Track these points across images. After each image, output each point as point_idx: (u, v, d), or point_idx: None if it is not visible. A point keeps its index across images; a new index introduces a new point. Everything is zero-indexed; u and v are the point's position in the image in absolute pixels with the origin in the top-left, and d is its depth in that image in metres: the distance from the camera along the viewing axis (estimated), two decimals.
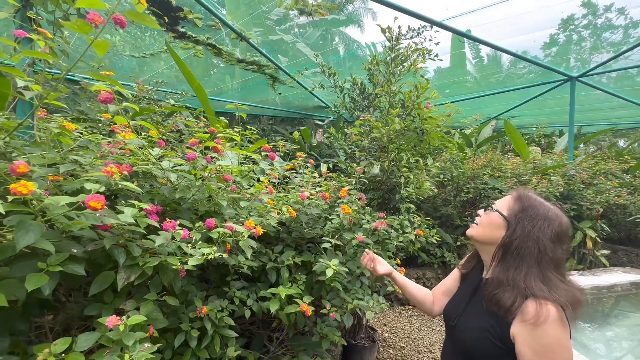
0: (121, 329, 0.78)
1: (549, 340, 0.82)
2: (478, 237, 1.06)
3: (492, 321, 0.93)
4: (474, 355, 0.97)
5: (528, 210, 0.99)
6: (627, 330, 2.70)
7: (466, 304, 1.09)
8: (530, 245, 0.94)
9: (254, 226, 1.10)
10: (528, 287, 0.87)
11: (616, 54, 4.68)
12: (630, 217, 5.49)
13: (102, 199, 0.69)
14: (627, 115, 8.55)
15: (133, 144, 1.02)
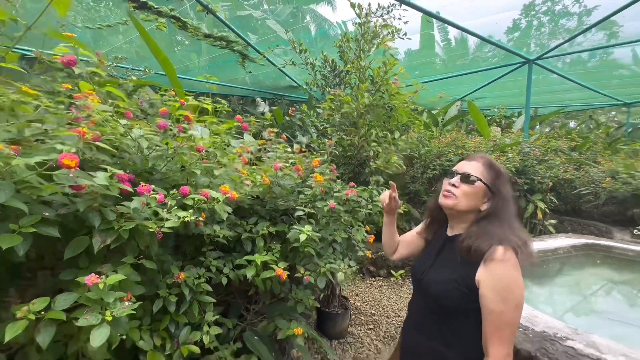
0: (100, 287, 0.81)
1: (510, 280, 0.96)
2: (462, 208, 1.11)
3: (460, 271, 1.06)
4: (441, 303, 1.09)
5: (501, 177, 1.13)
6: (567, 286, 3.08)
7: (433, 261, 1.21)
8: (505, 205, 1.09)
9: (229, 190, 1.13)
10: (500, 235, 1.02)
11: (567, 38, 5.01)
12: (575, 190, 6.08)
13: (75, 157, 0.69)
14: (578, 97, 9.26)
15: (101, 109, 1.00)
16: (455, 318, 1.09)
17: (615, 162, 5.94)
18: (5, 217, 0.76)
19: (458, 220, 1.18)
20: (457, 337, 1.09)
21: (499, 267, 0.97)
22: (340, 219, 1.78)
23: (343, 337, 3.06)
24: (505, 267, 0.97)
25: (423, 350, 1.16)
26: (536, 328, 1.73)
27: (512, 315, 0.96)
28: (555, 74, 6.45)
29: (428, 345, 1.14)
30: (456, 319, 1.08)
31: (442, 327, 1.11)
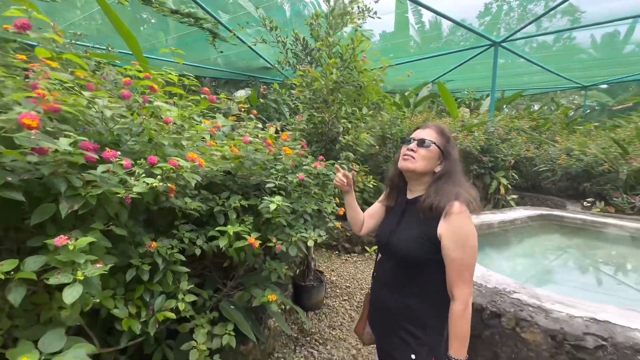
0: (70, 248, 0.83)
1: (466, 230, 1.11)
2: (420, 169, 1.23)
3: (423, 228, 1.19)
4: (409, 258, 1.22)
5: (450, 141, 1.27)
6: (523, 251, 3.37)
7: (397, 224, 1.32)
8: (455, 166, 1.24)
9: (196, 157, 1.16)
10: (455, 192, 1.15)
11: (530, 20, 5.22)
12: (535, 167, 6.51)
13: (36, 117, 0.70)
14: (541, 80, 9.74)
15: (61, 76, 0.98)
16: (421, 271, 1.21)
17: (570, 141, 6.40)
18: None
19: (416, 183, 1.29)
20: (423, 288, 1.22)
21: (457, 219, 1.10)
22: (311, 192, 1.86)
23: (319, 308, 3.21)
24: (462, 219, 1.10)
25: (393, 304, 1.29)
26: (489, 285, 1.92)
27: (470, 259, 1.12)
28: (520, 56, 6.74)
29: (397, 299, 1.26)
30: (421, 272, 1.21)
31: (409, 281, 1.24)
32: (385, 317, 1.33)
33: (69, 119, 1.21)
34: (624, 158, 4.98)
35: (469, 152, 4.90)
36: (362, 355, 2.56)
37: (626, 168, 4.85)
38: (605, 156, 5.23)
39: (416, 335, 1.22)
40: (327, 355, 2.54)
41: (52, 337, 0.84)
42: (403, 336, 1.25)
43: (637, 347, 1.37)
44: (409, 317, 1.24)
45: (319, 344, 2.68)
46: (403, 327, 1.25)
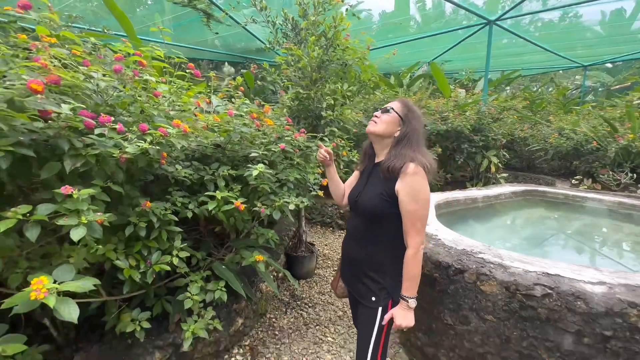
0: (74, 196, 1.00)
1: (419, 186, 1.28)
2: (381, 132, 1.41)
3: (384, 186, 1.36)
4: (372, 212, 1.40)
5: (413, 111, 1.41)
6: (504, 222, 3.54)
7: (364, 184, 1.50)
8: (415, 133, 1.39)
9: (180, 124, 1.31)
10: (411, 156, 1.32)
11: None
12: (528, 147, 6.61)
13: (41, 83, 0.85)
14: (540, 60, 9.64)
15: (60, 51, 1.12)
16: (382, 224, 1.40)
17: (563, 120, 6.46)
18: None
19: (380, 147, 1.46)
20: (383, 239, 1.41)
21: (410, 178, 1.27)
22: (294, 163, 2.01)
23: (310, 277, 3.44)
24: (415, 178, 1.27)
25: (358, 254, 1.48)
26: (458, 247, 2.09)
27: (422, 211, 1.29)
28: (516, 35, 6.68)
29: (362, 250, 1.45)
30: (382, 225, 1.40)
31: (372, 232, 1.42)
32: (352, 266, 1.52)
33: (68, 93, 1.36)
34: (612, 136, 5.07)
35: (460, 131, 5.00)
36: (347, 316, 2.79)
37: (614, 146, 4.95)
38: (594, 134, 5.32)
39: (377, 281, 1.41)
40: (315, 316, 2.77)
41: (63, 270, 1.02)
42: (366, 282, 1.44)
43: (577, 294, 1.55)
44: (371, 265, 1.42)
45: (309, 307, 2.91)
46: (366, 274, 1.43)
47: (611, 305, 1.48)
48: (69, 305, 0.91)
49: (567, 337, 1.56)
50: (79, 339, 1.91)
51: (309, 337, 2.50)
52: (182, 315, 1.93)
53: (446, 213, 3.32)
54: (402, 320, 1.34)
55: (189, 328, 1.66)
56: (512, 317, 1.70)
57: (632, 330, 1.44)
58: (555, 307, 1.58)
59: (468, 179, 5.90)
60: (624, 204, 3.49)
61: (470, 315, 1.84)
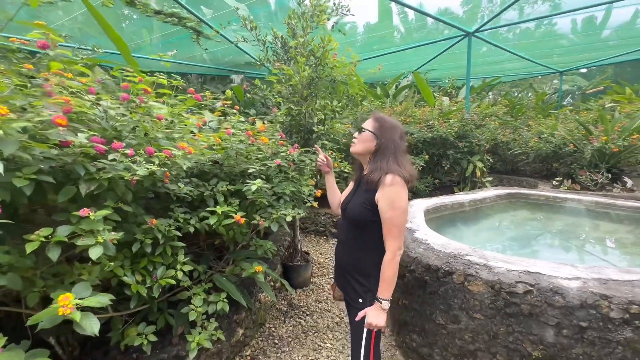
0: (91, 217, 1.08)
1: (395, 195, 1.39)
2: (359, 151, 1.56)
3: (366, 195, 1.48)
4: (356, 220, 1.52)
5: (384, 125, 1.53)
6: (489, 225, 3.70)
7: (353, 193, 1.63)
8: (389, 145, 1.50)
9: (186, 146, 1.41)
10: (388, 168, 1.44)
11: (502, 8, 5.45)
12: (510, 151, 6.88)
13: (65, 118, 0.94)
14: (519, 67, 10.07)
15: (74, 85, 1.21)
16: (365, 230, 1.51)
17: (542, 125, 6.77)
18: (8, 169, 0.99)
19: (364, 161, 1.61)
20: (367, 245, 1.53)
21: (388, 188, 1.40)
22: (289, 176, 2.12)
23: (306, 285, 3.51)
24: (392, 188, 1.39)
25: (346, 258, 1.60)
26: (446, 251, 2.22)
27: (398, 218, 1.40)
28: (495, 45, 7.01)
29: (349, 254, 1.57)
30: (366, 231, 1.51)
31: (357, 238, 1.54)
32: (342, 269, 1.63)
33: (74, 119, 1.44)
34: (588, 139, 5.36)
35: (445, 138, 5.21)
36: (344, 322, 2.87)
37: (590, 148, 5.23)
38: (571, 137, 5.60)
39: (362, 283, 1.52)
40: (313, 324, 2.85)
41: (81, 287, 1.10)
42: (353, 284, 1.55)
43: (555, 290, 1.69)
44: (357, 268, 1.54)
45: (306, 315, 2.98)
46: (353, 276, 1.55)
47: (585, 298, 1.62)
48: (91, 320, 0.99)
49: (548, 330, 1.69)
50: (83, 357, 1.95)
51: (308, 345, 2.57)
52: (184, 327, 1.99)
53: (435, 218, 3.46)
54: (374, 319, 1.42)
55: (194, 339, 1.72)
56: (498, 314, 1.83)
57: (605, 321, 1.58)
58: (537, 302, 1.71)
59: (455, 184, 6.10)
60: (600, 203, 3.70)
61: (460, 315, 1.96)
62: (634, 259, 2.71)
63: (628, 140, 5.01)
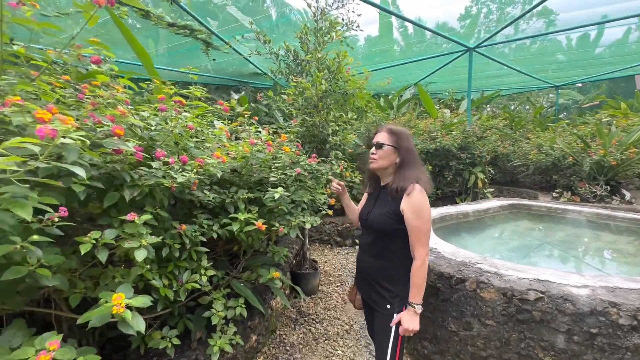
0: (137, 221, 1.15)
1: (422, 205, 1.46)
2: (384, 166, 1.60)
3: (390, 205, 1.54)
4: (381, 229, 1.58)
5: (401, 136, 1.61)
6: (493, 234, 3.78)
7: (373, 205, 1.69)
8: (410, 154, 1.59)
9: (220, 155, 1.49)
10: (416, 176, 1.51)
11: (503, 26, 5.65)
12: (510, 163, 7.01)
13: (122, 129, 1.01)
14: (517, 81, 10.33)
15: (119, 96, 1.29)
16: (390, 239, 1.58)
17: (541, 137, 6.93)
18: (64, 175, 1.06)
19: (385, 174, 1.66)
20: (393, 252, 1.58)
21: (414, 198, 1.47)
22: (306, 185, 2.20)
23: (314, 293, 3.55)
24: (419, 197, 1.47)
25: (371, 265, 1.65)
26: (457, 259, 2.29)
27: (425, 226, 1.46)
28: (495, 60, 7.23)
29: (375, 263, 1.62)
30: (390, 240, 1.57)
31: (382, 248, 1.60)
32: (367, 277, 1.69)
33: None
34: (586, 152, 5.50)
35: (448, 150, 5.33)
36: (353, 330, 2.90)
37: (588, 161, 5.36)
38: (570, 150, 5.75)
39: (389, 289, 1.58)
40: (323, 331, 2.88)
41: (124, 289, 1.15)
42: (380, 291, 1.60)
43: (565, 297, 1.76)
44: (383, 276, 1.60)
45: (316, 322, 3.02)
46: (379, 283, 1.61)
47: (594, 306, 1.69)
48: (138, 319, 1.04)
49: (559, 336, 1.76)
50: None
51: (320, 352, 2.60)
52: (202, 332, 2.03)
53: (441, 227, 3.54)
54: (409, 324, 1.49)
55: (216, 343, 1.76)
56: (510, 321, 1.89)
57: (614, 327, 1.65)
58: (547, 309, 1.78)
59: (457, 194, 6.20)
60: (601, 214, 3.80)
61: (473, 321, 2.02)
62: (635, 270, 2.79)
63: (625, 153, 5.15)
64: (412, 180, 1.49)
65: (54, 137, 0.85)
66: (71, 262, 1.16)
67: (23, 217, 0.80)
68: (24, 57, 1.36)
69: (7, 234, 0.86)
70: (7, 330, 1.03)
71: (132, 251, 1.15)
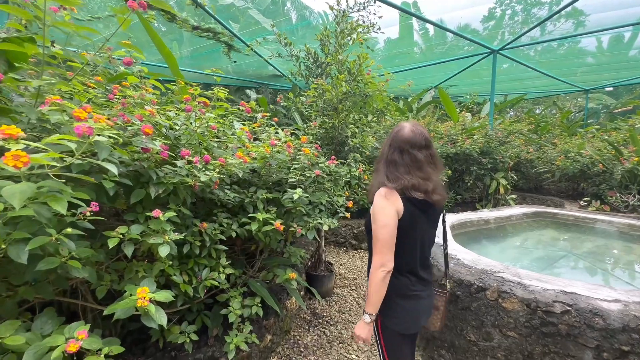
0: (161, 218, 1.18)
1: (377, 208, 1.32)
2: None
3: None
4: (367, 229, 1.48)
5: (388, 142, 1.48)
6: (515, 243, 3.65)
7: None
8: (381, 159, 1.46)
9: (242, 156, 1.51)
10: (379, 182, 1.39)
11: (530, 27, 5.47)
12: (534, 169, 6.76)
13: (152, 128, 1.05)
14: (543, 84, 9.96)
15: (149, 96, 1.34)
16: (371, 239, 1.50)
17: (568, 143, 6.64)
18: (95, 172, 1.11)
19: None
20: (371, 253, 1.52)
21: (375, 202, 1.35)
22: (324, 187, 2.20)
23: (329, 295, 3.53)
24: (376, 200, 1.34)
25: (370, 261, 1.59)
26: (478, 267, 2.22)
27: (380, 232, 1.31)
28: (520, 63, 7.00)
29: (369, 258, 1.56)
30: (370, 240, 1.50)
31: (370, 246, 1.53)
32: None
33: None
34: (618, 159, 5.23)
35: (469, 154, 5.20)
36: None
37: (620, 169, 5.09)
38: (600, 157, 5.48)
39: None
40: (337, 334, 2.86)
41: (147, 283, 1.19)
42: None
43: (594, 311, 1.67)
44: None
45: (330, 325, 3.00)
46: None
47: (627, 322, 1.59)
48: (161, 313, 1.07)
49: (587, 352, 1.67)
50: (123, 353, 2.04)
51: (334, 355, 2.59)
52: (219, 329, 2.06)
53: (461, 234, 3.45)
54: (357, 331, 1.40)
55: (232, 340, 1.79)
56: (533, 333, 1.81)
57: None
58: (575, 323, 1.69)
59: (477, 200, 6.04)
60: (634, 225, 3.60)
61: (493, 332, 1.95)
62: None
63: None
64: (376, 187, 1.38)
65: (90, 134, 0.89)
66: (99, 256, 1.20)
67: (58, 211, 0.84)
68: (61, 58, 1.43)
69: (43, 226, 0.90)
70: (39, 318, 1.08)
71: (155, 247, 1.18)
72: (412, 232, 1.38)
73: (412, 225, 1.36)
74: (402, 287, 1.42)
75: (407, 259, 1.42)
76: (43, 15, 1.02)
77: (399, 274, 1.42)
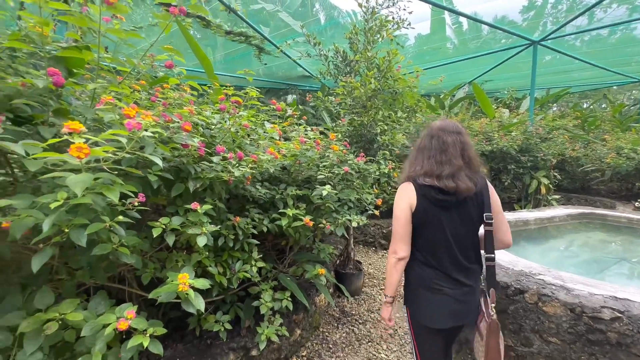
0: (199, 210, 1.26)
1: (395, 199, 1.42)
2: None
3: None
4: None
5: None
6: (559, 245, 3.41)
7: None
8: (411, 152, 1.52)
9: (273, 152, 1.56)
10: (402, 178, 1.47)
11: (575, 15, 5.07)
12: (581, 167, 6.27)
13: (190, 125, 1.13)
14: (591, 76, 9.20)
15: (186, 97, 1.44)
16: None
17: (622, 139, 6.09)
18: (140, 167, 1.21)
19: None
20: None
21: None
22: (353, 184, 2.20)
23: (358, 294, 3.52)
24: (396, 194, 1.43)
25: None
26: (515, 268, 2.12)
27: (394, 223, 1.40)
28: (563, 54, 6.53)
29: None
30: None
31: None
32: None
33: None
34: None
35: (506, 152, 4.94)
36: (398, 335, 2.83)
37: None
38: None
39: None
40: (366, 333, 2.85)
41: (187, 270, 1.27)
42: None
43: None
44: None
45: (359, 323, 2.99)
46: None
47: None
48: (199, 299, 1.14)
49: None
50: (164, 338, 2.17)
51: (362, 353, 2.58)
52: (250, 321, 2.13)
53: None
54: (381, 312, 1.53)
55: (264, 331, 1.84)
56: (578, 340, 1.69)
57: None
58: (627, 331, 1.56)
59: (515, 201, 5.71)
60: None
61: (533, 337, 1.85)
62: None
63: None
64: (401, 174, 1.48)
65: (138, 129, 0.97)
66: (144, 245, 1.30)
67: (111, 200, 0.93)
68: (112, 64, 1.57)
69: (98, 214, 1.00)
70: (93, 299, 1.20)
71: (194, 237, 1.26)
72: (430, 227, 1.39)
73: (428, 220, 1.38)
74: (426, 278, 1.43)
75: (426, 253, 1.43)
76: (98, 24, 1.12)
77: (423, 265, 1.45)
